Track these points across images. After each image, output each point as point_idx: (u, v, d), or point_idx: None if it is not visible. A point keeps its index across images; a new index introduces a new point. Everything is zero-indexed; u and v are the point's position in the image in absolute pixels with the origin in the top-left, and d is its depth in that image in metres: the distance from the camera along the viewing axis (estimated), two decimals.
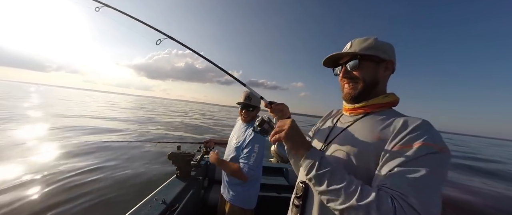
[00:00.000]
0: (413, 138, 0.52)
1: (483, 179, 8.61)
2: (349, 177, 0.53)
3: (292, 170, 2.94)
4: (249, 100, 1.57)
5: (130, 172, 4.66)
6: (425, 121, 0.56)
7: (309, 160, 0.58)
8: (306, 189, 0.70)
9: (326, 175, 0.54)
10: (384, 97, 0.68)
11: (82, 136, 7.66)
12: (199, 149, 2.30)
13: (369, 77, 0.67)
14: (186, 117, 23.41)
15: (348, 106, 0.75)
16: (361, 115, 0.71)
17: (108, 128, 10.19)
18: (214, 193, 2.48)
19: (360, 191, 0.49)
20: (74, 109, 17.47)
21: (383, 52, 0.67)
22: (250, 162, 1.43)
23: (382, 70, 0.68)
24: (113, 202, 3.44)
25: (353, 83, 0.70)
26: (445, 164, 0.50)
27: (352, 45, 0.69)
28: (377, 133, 0.60)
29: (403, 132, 0.55)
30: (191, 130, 13.65)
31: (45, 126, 8.51)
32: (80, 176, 4.15)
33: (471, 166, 11.32)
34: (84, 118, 12.44)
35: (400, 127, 0.56)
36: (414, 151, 0.50)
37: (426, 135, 0.52)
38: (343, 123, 0.75)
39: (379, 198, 0.46)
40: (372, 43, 0.67)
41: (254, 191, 1.58)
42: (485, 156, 18.64)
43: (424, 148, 0.50)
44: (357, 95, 0.70)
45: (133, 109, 25.49)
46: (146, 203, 1.47)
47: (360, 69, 0.67)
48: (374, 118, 0.66)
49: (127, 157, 5.69)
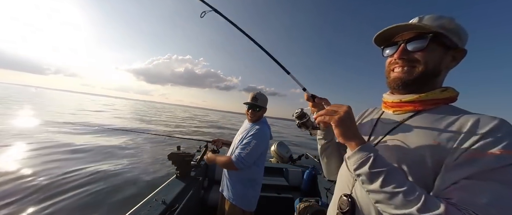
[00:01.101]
0: (489, 144, 0.42)
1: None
2: (410, 182, 0.45)
3: (292, 170, 2.94)
4: (255, 101, 1.59)
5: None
6: (503, 120, 0.44)
7: (362, 153, 0.49)
8: (353, 203, 0.59)
9: (381, 174, 0.46)
10: (442, 92, 0.54)
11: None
12: (199, 149, 2.30)
13: (433, 63, 0.53)
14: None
15: (393, 99, 0.61)
16: (411, 113, 0.57)
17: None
18: (214, 193, 2.48)
19: (424, 200, 0.41)
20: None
21: (458, 38, 0.53)
22: (243, 154, 1.45)
23: (449, 59, 0.55)
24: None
25: (409, 67, 0.55)
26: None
27: (422, 20, 0.54)
28: (437, 136, 0.49)
29: (476, 135, 0.44)
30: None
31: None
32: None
33: None
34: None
35: (471, 127, 0.46)
36: (492, 160, 0.40)
37: (507, 140, 0.41)
38: (387, 123, 0.61)
39: (448, 212, 0.38)
40: (448, 24, 0.52)
41: (254, 193, 1.57)
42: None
43: (504, 157, 0.39)
44: (410, 82, 0.55)
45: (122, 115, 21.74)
46: (146, 203, 1.47)
47: (425, 51, 0.53)
48: (430, 118, 0.53)
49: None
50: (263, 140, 1.52)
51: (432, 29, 0.51)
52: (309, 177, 2.80)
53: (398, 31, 0.57)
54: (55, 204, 3.17)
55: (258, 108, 1.60)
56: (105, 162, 5.19)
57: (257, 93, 1.61)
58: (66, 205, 3.21)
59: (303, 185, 2.83)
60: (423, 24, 0.53)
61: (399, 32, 0.57)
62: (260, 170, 1.62)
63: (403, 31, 0.56)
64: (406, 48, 0.55)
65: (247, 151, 1.46)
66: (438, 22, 0.52)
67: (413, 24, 0.54)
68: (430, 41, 0.52)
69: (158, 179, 4.45)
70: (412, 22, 0.55)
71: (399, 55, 0.56)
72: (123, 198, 3.63)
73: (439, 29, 0.51)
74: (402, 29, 0.56)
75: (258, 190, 1.61)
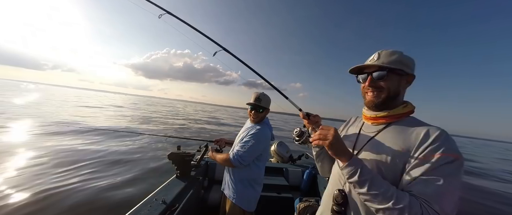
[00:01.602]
0: (433, 149, 0.61)
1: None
2: (386, 184, 0.63)
3: (292, 170, 2.96)
4: (259, 102, 1.59)
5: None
6: (442, 131, 0.64)
7: (352, 167, 0.66)
8: (345, 196, 0.77)
9: (367, 181, 0.63)
10: (403, 108, 0.76)
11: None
12: (199, 149, 2.30)
13: (393, 88, 0.74)
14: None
15: (370, 114, 0.81)
16: (383, 125, 0.78)
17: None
18: (214, 193, 2.48)
19: (396, 196, 0.59)
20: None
21: (407, 66, 0.73)
22: (240, 152, 1.48)
23: (404, 82, 0.75)
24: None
25: (377, 92, 0.76)
26: (460, 170, 0.60)
27: (380, 56, 0.74)
28: (401, 143, 0.68)
29: (425, 143, 0.63)
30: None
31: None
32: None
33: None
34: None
35: (422, 138, 0.64)
36: (434, 161, 0.59)
37: (444, 146, 0.61)
38: (368, 133, 0.81)
39: (411, 203, 0.57)
40: (399, 58, 0.72)
41: (254, 193, 1.58)
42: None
43: (443, 158, 0.59)
44: (379, 104, 0.76)
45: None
46: (146, 203, 1.47)
47: (386, 80, 0.73)
48: (397, 129, 0.73)
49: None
50: (262, 140, 1.53)
51: (389, 65, 0.71)
52: (309, 176, 2.81)
53: (369, 66, 0.76)
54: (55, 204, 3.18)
55: (261, 109, 1.61)
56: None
57: (260, 94, 1.61)
58: (66, 205, 3.23)
59: (303, 184, 2.83)
60: (381, 61, 0.73)
61: (367, 66, 0.77)
62: (261, 170, 1.62)
63: (371, 66, 0.76)
64: (373, 78, 0.75)
65: (245, 149, 1.48)
66: (392, 57, 0.72)
67: (375, 65, 0.73)
68: (388, 73, 0.72)
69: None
70: (373, 57, 0.76)
71: (368, 83, 0.76)
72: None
73: (392, 64, 0.71)
74: (370, 66, 0.76)
75: (259, 191, 1.61)
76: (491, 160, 16.97)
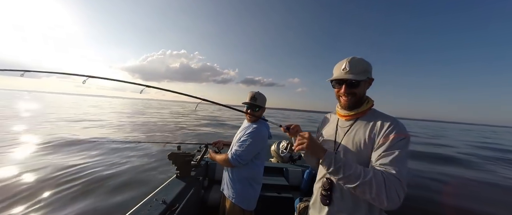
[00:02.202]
0: (389, 132, 0.83)
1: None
2: (355, 165, 0.80)
3: (292, 170, 2.98)
4: (254, 101, 1.60)
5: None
6: (393, 119, 0.87)
7: (327, 159, 0.84)
8: (331, 183, 0.96)
9: (340, 167, 0.80)
10: (367, 104, 0.97)
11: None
12: (199, 149, 2.30)
13: (361, 92, 0.95)
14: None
15: (343, 113, 1.01)
16: (353, 120, 0.98)
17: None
18: (214, 193, 2.48)
19: (363, 172, 0.77)
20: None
21: (369, 73, 0.93)
22: (238, 152, 1.50)
23: (367, 85, 0.97)
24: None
25: (350, 97, 0.95)
26: (408, 144, 0.82)
27: (351, 66, 0.91)
28: (369, 132, 0.89)
29: (383, 129, 0.85)
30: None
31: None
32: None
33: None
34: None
35: (381, 126, 0.86)
36: (390, 140, 0.81)
37: (396, 129, 0.83)
38: (343, 127, 1.01)
39: (375, 174, 0.75)
40: (365, 67, 0.92)
41: (253, 192, 1.58)
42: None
43: (396, 138, 0.81)
44: (352, 105, 0.96)
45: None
46: (146, 203, 1.47)
47: (358, 88, 0.93)
48: (364, 122, 0.94)
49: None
50: (259, 139, 1.54)
51: (360, 79, 0.90)
52: (309, 176, 2.81)
53: (346, 79, 0.94)
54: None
55: (257, 107, 1.62)
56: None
57: (256, 93, 1.62)
58: (65, 204, 3.22)
59: (303, 184, 2.83)
60: (352, 71, 0.90)
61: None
62: (260, 169, 1.63)
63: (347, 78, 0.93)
64: (347, 87, 0.94)
65: (243, 149, 1.49)
66: (360, 67, 0.90)
67: (350, 79, 0.90)
68: (360, 82, 0.92)
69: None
70: (344, 65, 0.92)
71: (344, 91, 0.94)
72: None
73: (362, 75, 0.90)
74: (347, 80, 0.93)
75: (258, 190, 1.61)
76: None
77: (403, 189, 0.73)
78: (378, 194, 0.72)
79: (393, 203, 0.72)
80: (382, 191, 0.72)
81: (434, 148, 13.48)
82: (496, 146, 17.24)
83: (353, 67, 0.91)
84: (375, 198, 0.73)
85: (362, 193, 0.76)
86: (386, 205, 0.72)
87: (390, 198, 0.71)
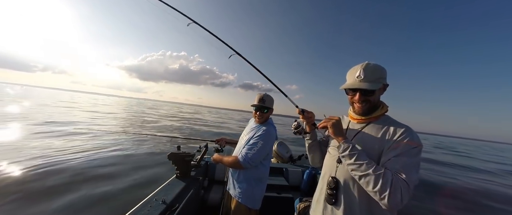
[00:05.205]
0: (402, 138, 0.84)
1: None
2: (369, 159, 0.84)
3: (292, 170, 2.97)
4: (263, 102, 1.63)
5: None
6: (408, 127, 0.87)
7: (346, 144, 0.88)
8: (337, 182, 0.97)
9: (355, 154, 0.85)
10: (381, 110, 0.97)
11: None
12: (199, 149, 2.30)
13: (376, 99, 0.95)
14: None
15: (356, 116, 1.02)
16: (365, 123, 0.99)
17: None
18: (214, 193, 2.48)
19: (375, 166, 0.80)
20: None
21: (384, 79, 0.92)
22: (249, 154, 1.49)
23: (382, 92, 0.96)
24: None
25: (364, 104, 0.95)
26: (420, 154, 0.83)
27: (365, 74, 0.89)
28: (379, 137, 0.90)
29: (396, 136, 0.86)
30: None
31: None
32: None
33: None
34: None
35: (393, 133, 0.87)
36: (402, 146, 0.82)
37: (408, 137, 0.83)
38: (353, 129, 1.02)
39: (386, 171, 0.78)
40: (380, 74, 0.90)
41: (259, 191, 1.60)
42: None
43: (408, 145, 0.82)
44: (366, 111, 0.96)
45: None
46: (146, 203, 1.47)
47: (373, 96, 0.92)
48: (375, 126, 0.95)
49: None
50: (270, 141, 1.56)
51: (375, 88, 0.89)
52: (309, 176, 2.81)
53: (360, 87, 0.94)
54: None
55: (266, 109, 1.64)
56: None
57: (264, 95, 1.65)
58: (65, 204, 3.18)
59: (303, 184, 2.83)
60: (367, 79, 0.88)
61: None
62: (266, 169, 1.65)
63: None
64: (361, 95, 0.93)
65: (254, 151, 1.49)
66: (376, 75, 0.89)
67: (364, 89, 0.89)
68: (375, 91, 0.91)
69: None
70: (358, 72, 0.90)
71: (358, 99, 0.94)
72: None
73: (377, 84, 0.89)
74: (362, 88, 0.92)
75: (264, 189, 1.63)
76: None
77: (409, 193, 0.74)
78: (383, 188, 0.74)
79: (394, 202, 0.73)
80: (387, 187, 0.74)
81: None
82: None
83: (368, 75, 0.88)
84: (378, 191, 0.75)
85: (367, 183, 0.79)
86: (386, 201, 0.73)
87: (393, 196, 0.73)
